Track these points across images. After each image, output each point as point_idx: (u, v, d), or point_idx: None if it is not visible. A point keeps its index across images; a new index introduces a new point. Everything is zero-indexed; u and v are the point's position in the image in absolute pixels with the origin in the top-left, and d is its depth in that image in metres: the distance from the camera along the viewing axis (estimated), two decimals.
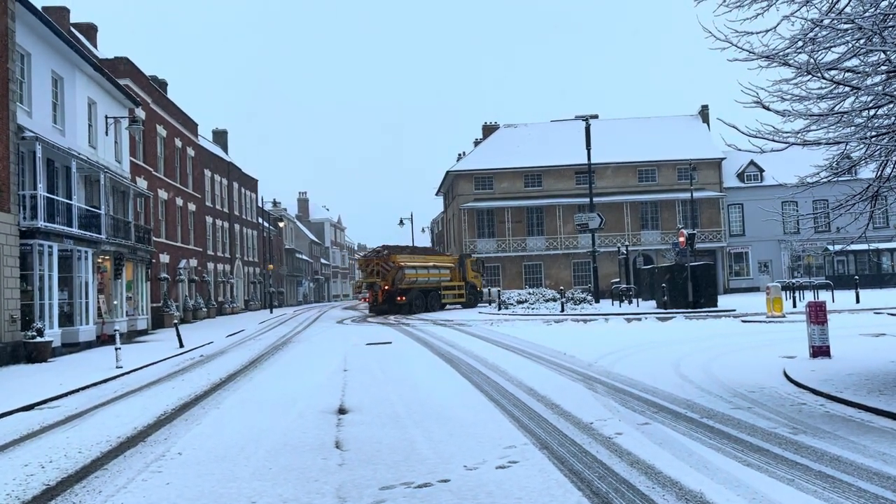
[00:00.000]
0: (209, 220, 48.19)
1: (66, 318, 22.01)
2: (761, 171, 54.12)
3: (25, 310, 19.26)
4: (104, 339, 23.78)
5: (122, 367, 15.96)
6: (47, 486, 6.53)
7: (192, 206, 43.18)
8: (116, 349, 16.69)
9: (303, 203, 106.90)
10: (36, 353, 18.41)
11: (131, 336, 27.14)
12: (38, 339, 18.56)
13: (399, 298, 38.45)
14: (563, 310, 32.28)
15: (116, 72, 31.10)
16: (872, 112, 8.90)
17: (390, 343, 20.17)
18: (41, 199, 19.96)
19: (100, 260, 25.19)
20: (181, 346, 21.44)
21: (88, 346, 22.60)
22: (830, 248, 48.91)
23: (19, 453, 8.02)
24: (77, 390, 13.06)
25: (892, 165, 9.60)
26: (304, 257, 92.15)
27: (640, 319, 25.90)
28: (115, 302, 26.77)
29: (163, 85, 42.66)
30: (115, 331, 17.75)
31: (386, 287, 38.75)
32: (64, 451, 7.98)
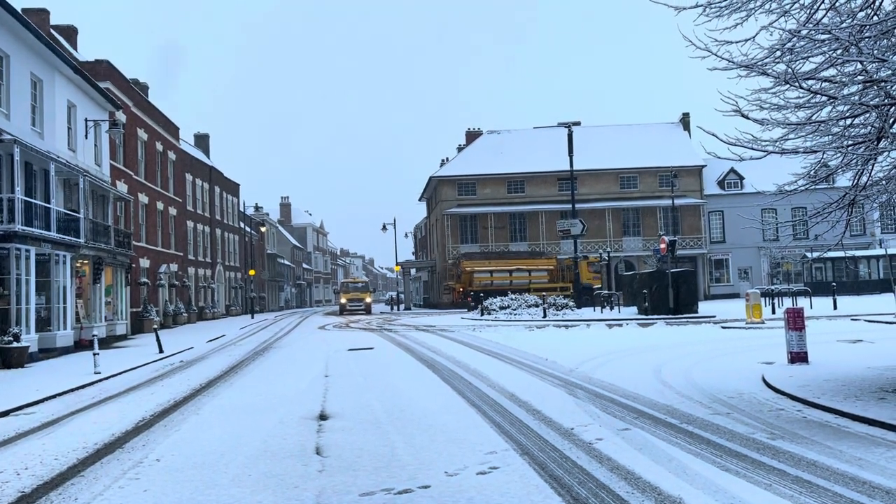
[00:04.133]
0: (190, 224, 47.83)
1: (44, 323, 21.72)
2: (741, 178, 54.69)
3: (1, 314, 18.99)
4: (82, 345, 23.50)
5: (100, 373, 15.78)
6: (22, 494, 6.44)
7: (172, 211, 42.84)
8: (95, 354, 16.49)
9: (285, 208, 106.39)
10: (12, 359, 18.15)
11: (110, 341, 26.85)
12: (15, 345, 18.29)
13: (468, 299, 42.17)
14: (545, 315, 32.37)
15: (97, 74, 30.82)
16: (849, 121, 9.04)
17: (372, 349, 20.11)
18: (19, 203, 19.69)
19: (78, 264, 24.91)
20: (161, 351, 21.24)
21: (66, 351, 22.32)
22: (809, 255, 49.47)
23: None
24: (54, 396, 12.88)
25: (868, 174, 9.74)
26: (286, 262, 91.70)
27: (621, 325, 26.02)
28: (103, 306, 26.49)
29: (144, 88, 42.34)
30: (94, 336, 17.55)
31: (460, 289, 43.52)
32: (40, 457, 7.87)
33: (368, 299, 55.72)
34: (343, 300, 55.95)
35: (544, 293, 42.46)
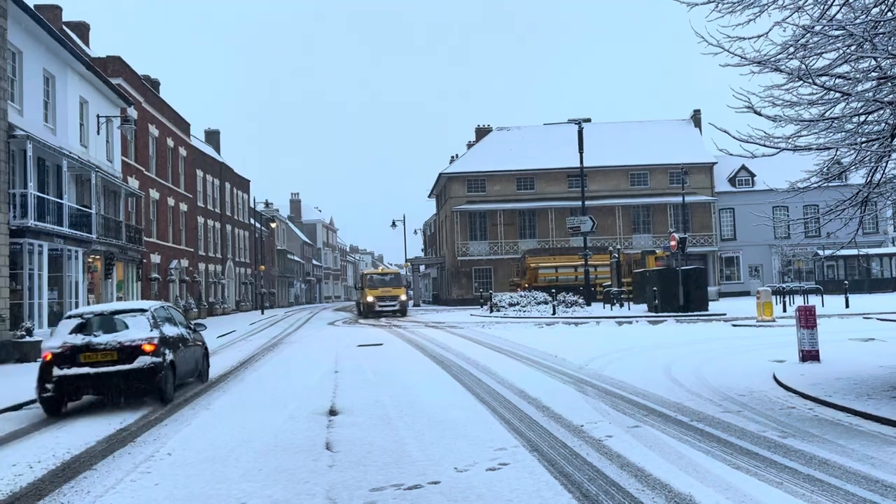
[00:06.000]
0: (201, 220, 48.04)
1: (56, 318, 21.88)
2: (752, 175, 54.38)
3: (14, 309, 19.15)
4: None
5: None
6: (35, 487, 6.50)
7: (183, 207, 43.03)
8: None
9: (295, 204, 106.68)
10: (25, 353, 18.30)
11: None
12: (27, 339, 18.44)
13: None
14: (554, 312, 32.32)
15: (108, 71, 30.98)
16: (862, 118, 8.96)
17: (381, 345, 20.14)
18: (31, 198, 19.85)
19: (90, 259, 25.07)
20: None
21: None
22: (820, 252, 49.17)
23: (7, 453, 7.98)
24: None
25: (881, 171, 9.66)
26: (296, 258, 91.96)
27: (630, 323, 25.95)
28: (112, 301, 26.65)
29: (155, 84, 42.51)
30: None
31: (525, 285, 42.48)
32: (52, 451, 7.94)
33: (403, 296, 40.26)
34: (369, 298, 39.52)
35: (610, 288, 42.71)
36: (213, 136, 62.33)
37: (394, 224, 66.18)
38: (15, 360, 18.22)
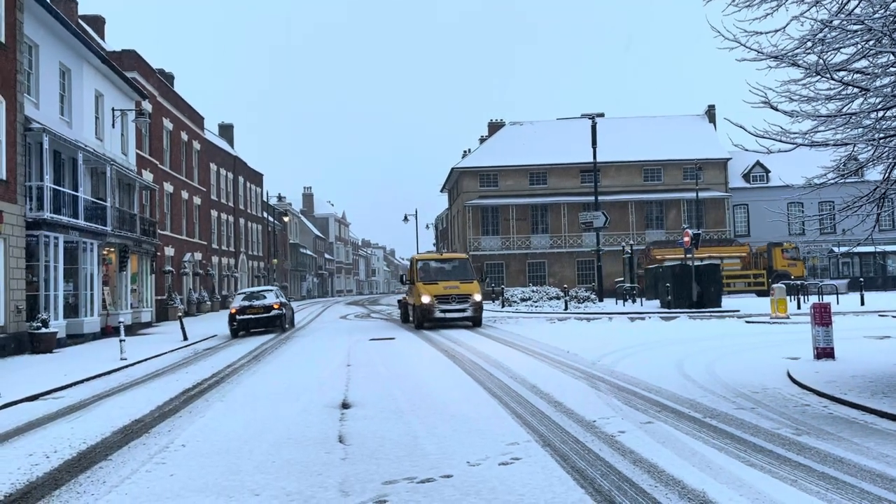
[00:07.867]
0: (214, 213, 48.26)
1: (72, 310, 22.08)
2: (767, 171, 53.97)
3: (31, 301, 19.33)
4: (109, 331, 23.86)
5: (126, 359, 16.02)
6: (52, 476, 6.57)
7: (197, 200, 43.24)
8: (121, 341, 16.74)
9: (307, 198, 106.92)
10: (41, 344, 18.48)
11: (135, 328, 27.22)
12: (43, 330, 18.62)
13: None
14: (566, 308, 32.26)
15: (123, 64, 31.14)
16: (881, 114, 8.87)
17: (393, 339, 20.19)
18: (47, 191, 20.01)
19: (105, 252, 25.26)
20: (185, 338, 21.51)
21: (93, 337, 22.69)
22: (836, 249, 48.75)
23: (24, 443, 8.07)
24: (81, 381, 13.11)
25: None
26: (309, 252, 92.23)
27: (643, 319, 25.85)
28: (128, 294, 26.85)
29: (170, 78, 42.70)
30: (120, 323, 17.81)
31: None
32: (68, 441, 8.02)
33: (478, 295, 24.70)
34: (425, 298, 24.16)
35: (738, 280, 42.97)
36: (226, 130, 62.53)
37: (406, 218, 66.16)
38: (31, 350, 18.41)
